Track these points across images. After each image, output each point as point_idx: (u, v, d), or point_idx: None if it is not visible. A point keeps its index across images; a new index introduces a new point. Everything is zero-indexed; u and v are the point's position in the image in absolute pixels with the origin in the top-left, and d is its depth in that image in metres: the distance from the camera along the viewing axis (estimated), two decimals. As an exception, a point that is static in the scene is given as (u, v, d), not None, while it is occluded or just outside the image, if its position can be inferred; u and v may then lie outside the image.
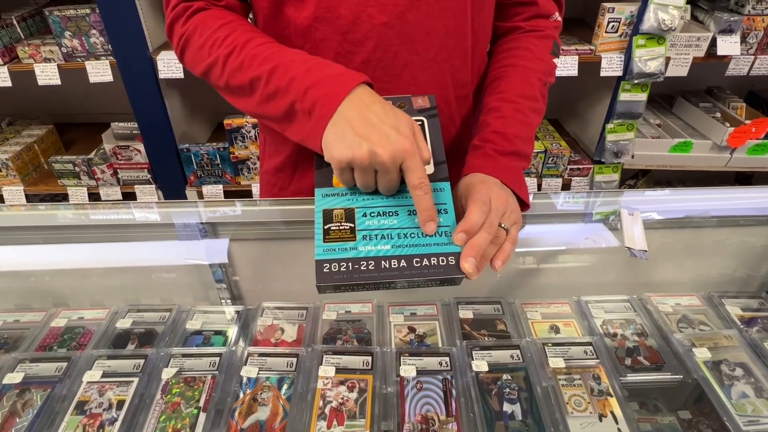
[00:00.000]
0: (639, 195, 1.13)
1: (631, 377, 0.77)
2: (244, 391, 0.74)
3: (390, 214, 0.57)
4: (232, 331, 0.87)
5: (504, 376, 0.75)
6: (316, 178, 0.61)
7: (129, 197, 1.95)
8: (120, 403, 0.72)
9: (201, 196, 1.92)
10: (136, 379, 0.76)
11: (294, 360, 0.78)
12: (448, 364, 0.77)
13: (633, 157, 1.90)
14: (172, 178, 1.90)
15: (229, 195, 1.93)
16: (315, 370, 0.76)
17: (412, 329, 0.86)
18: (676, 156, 1.90)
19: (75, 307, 0.93)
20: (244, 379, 0.76)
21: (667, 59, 1.67)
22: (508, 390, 0.73)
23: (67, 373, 0.77)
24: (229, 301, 0.96)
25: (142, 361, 0.79)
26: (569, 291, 0.93)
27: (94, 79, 1.69)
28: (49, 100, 2.20)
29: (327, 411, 0.70)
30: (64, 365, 0.78)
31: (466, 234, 0.55)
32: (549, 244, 1.00)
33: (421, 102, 0.66)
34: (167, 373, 0.77)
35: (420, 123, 0.64)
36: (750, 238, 1.01)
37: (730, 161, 1.90)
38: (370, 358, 0.78)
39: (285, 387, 0.74)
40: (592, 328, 0.86)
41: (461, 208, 0.60)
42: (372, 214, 0.57)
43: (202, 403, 0.72)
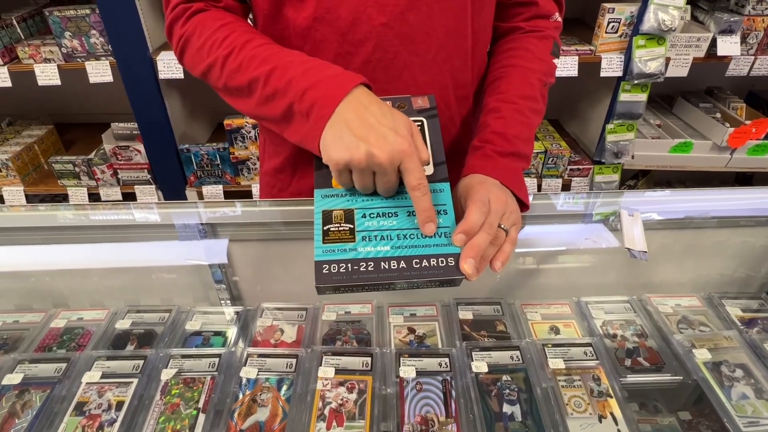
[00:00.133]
0: (639, 195, 1.12)
1: (631, 378, 0.77)
2: (243, 392, 0.74)
3: (389, 215, 0.57)
4: (232, 332, 0.87)
5: (504, 377, 0.75)
6: (315, 179, 0.61)
7: (129, 197, 1.95)
8: (119, 404, 0.72)
9: (201, 197, 1.92)
10: (136, 380, 0.76)
11: (293, 361, 0.78)
12: (448, 365, 0.77)
13: (633, 157, 1.90)
14: (172, 178, 1.90)
15: (229, 195, 1.93)
16: (314, 371, 0.76)
17: (411, 330, 0.86)
18: (676, 156, 1.90)
19: (74, 307, 0.93)
20: (244, 380, 0.76)
21: (667, 60, 1.67)
22: (507, 391, 0.73)
23: (67, 374, 0.77)
24: (228, 301, 0.96)
25: (141, 361, 0.79)
26: (569, 292, 0.93)
27: (94, 79, 1.69)
28: (49, 100, 2.20)
29: (326, 412, 0.70)
30: (64, 366, 0.78)
31: (466, 235, 0.55)
32: (549, 245, 1.00)
33: (420, 102, 0.66)
34: (166, 374, 0.77)
35: (420, 124, 0.63)
36: (750, 238, 1.01)
37: (730, 162, 1.90)
38: (369, 359, 0.78)
39: (284, 388, 0.74)
40: (592, 329, 0.86)
41: (461, 209, 0.60)
42: (371, 215, 0.57)
43: (201, 404, 0.72)
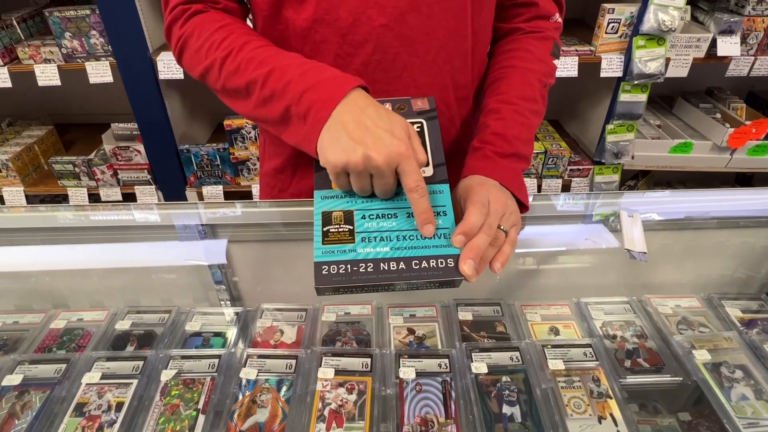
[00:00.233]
0: (639, 196, 1.12)
1: (631, 379, 0.77)
2: (243, 393, 0.74)
3: (389, 217, 0.57)
4: (232, 333, 0.87)
5: (503, 378, 0.75)
6: (315, 180, 0.61)
7: (129, 198, 1.95)
8: (119, 405, 0.72)
9: (201, 197, 1.92)
10: (135, 381, 0.76)
11: (293, 362, 0.78)
12: (448, 365, 0.77)
13: (633, 157, 1.90)
14: (172, 178, 1.90)
15: (229, 196, 1.94)
16: (314, 371, 0.76)
17: (411, 331, 0.85)
18: (676, 157, 1.90)
19: (74, 308, 0.93)
20: (243, 381, 0.76)
21: (667, 60, 1.67)
22: (507, 392, 0.73)
23: (67, 375, 0.77)
24: (228, 302, 0.96)
25: (141, 362, 0.79)
26: (569, 292, 0.93)
27: (94, 79, 1.69)
28: (49, 100, 2.20)
29: (326, 413, 0.70)
30: (64, 367, 0.78)
31: (465, 236, 0.55)
32: (549, 246, 1.00)
33: (420, 104, 0.66)
34: (166, 374, 0.77)
35: (419, 125, 0.63)
36: (750, 239, 1.01)
37: (730, 162, 1.90)
38: (369, 360, 0.78)
39: (284, 389, 0.74)
40: (592, 329, 0.86)
41: (461, 210, 0.60)
42: (371, 217, 0.57)
43: (201, 405, 0.72)
